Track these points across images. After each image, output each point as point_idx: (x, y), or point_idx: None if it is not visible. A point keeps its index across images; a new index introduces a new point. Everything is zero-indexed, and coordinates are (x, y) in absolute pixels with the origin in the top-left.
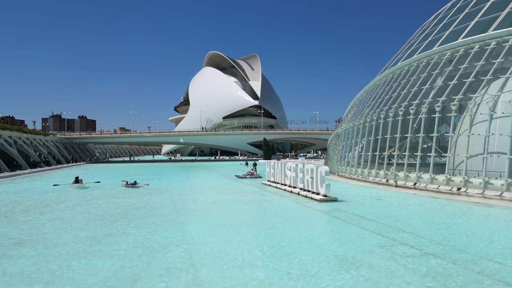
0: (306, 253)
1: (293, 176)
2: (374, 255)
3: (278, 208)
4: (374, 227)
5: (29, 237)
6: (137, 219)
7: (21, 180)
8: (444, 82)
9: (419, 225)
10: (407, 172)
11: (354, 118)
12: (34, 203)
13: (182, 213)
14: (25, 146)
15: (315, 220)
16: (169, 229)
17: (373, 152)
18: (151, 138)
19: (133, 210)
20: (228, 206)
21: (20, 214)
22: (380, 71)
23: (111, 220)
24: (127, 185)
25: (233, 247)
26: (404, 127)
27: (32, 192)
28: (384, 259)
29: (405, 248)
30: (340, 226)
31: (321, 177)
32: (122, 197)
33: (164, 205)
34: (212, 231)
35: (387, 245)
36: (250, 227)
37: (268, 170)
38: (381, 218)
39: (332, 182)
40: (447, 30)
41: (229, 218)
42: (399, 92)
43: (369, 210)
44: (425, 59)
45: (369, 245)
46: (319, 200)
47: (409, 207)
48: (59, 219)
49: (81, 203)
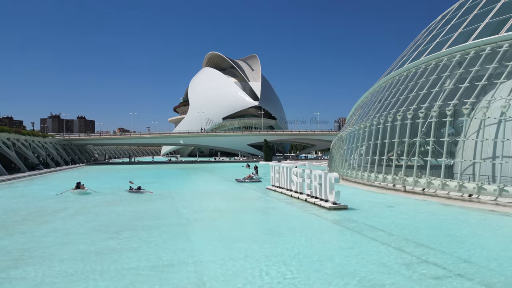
0: (324, 272)
1: (300, 182)
2: (399, 276)
3: (286, 218)
4: (391, 240)
5: (29, 252)
6: (142, 231)
7: (20, 184)
8: (455, 85)
9: (439, 238)
10: (416, 177)
11: (359, 120)
12: (33, 211)
13: (187, 223)
14: (24, 148)
15: (328, 232)
16: (177, 243)
17: (380, 156)
18: (151, 139)
19: (137, 220)
20: (235, 216)
21: (19, 224)
22: (385, 73)
23: (114, 232)
24: (130, 190)
25: (248, 266)
26: (413, 131)
27: (31, 198)
28: (412, 281)
29: (431, 267)
30: (355, 239)
31: (330, 184)
32: (124, 204)
33: (168, 214)
34: (222, 246)
35: (411, 263)
36: (261, 242)
37: (272, 174)
38: (397, 230)
39: (336, 186)
40: (456, 31)
41: (238, 230)
42: (407, 94)
43: (382, 220)
44: (433, 61)
45: (391, 263)
46: (328, 208)
47: (423, 216)
48: (59, 230)
49: (82, 211)
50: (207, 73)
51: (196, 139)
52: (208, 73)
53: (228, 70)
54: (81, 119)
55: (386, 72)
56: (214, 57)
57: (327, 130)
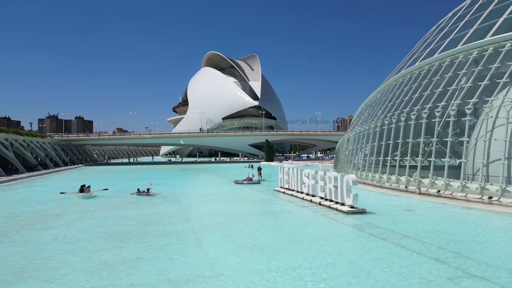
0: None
1: (312, 184)
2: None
3: (303, 223)
4: (425, 249)
5: (32, 264)
6: (151, 238)
7: (19, 186)
8: (473, 83)
9: (474, 246)
10: (433, 178)
11: (369, 120)
12: (33, 216)
13: (198, 230)
14: (22, 149)
15: (352, 239)
16: (191, 253)
17: (393, 157)
18: (151, 139)
19: (144, 225)
20: (248, 221)
21: (19, 230)
22: (394, 72)
23: (121, 240)
24: (139, 193)
25: (277, 280)
26: (429, 130)
27: (32, 201)
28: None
29: (480, 282)
30: (384, 247)
31: (347, 186)
32: (129, 208)
33: (176, 219)
34: (240, 257)
35: (455, 277)
36: (282, 251)
37: (281, 176)
38: (427, 237)
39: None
40: (470, 28)
41: (254, 237)
42: (421, 93)
43: (406, 226)
44: (448, 58)
45: (433, 277)
46: (346, 212)
47: (448, 221)
48: (63, 237)
49: (85, 215)
50: (207, 73)
51: (197, 139)
52: (207, 73)
53: (227, 70)
54: (79, 120)
55: (395, 70)
56: (214, 57)
57: (328, 130)
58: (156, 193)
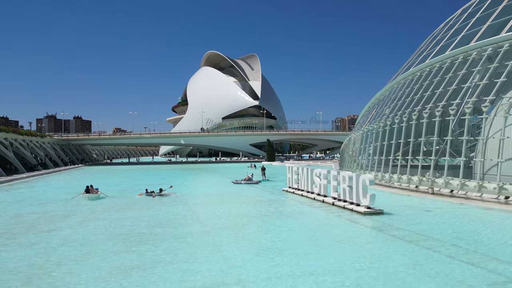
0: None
1: (324, 184)
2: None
3: (320, 224)
4: (453, 251)
5: (42, 269)
6: (165, 240)
7: (20, 186)
8: (489, 79)
9: (505, 249)
10: (447, 178)
11: (377, 119)
12: (38, 217)
13: (212, 231)
14: (22, 148)
15: (376, 241)
16: (209, 256)
17: (404, 156)
18: (151, 139)
19: (155, 227)
20: (262, 222)
21: (26, 232)
22: (401, 70)
23: (134, 242)
24: (149, 193)
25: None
26: (443, 129)
27: (35, 201)
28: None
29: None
30: (414, 251)
31: (363, 186)
32: (136, 209)
33: (187, 220)
34: (263, 260)
35: (498, 284)
36: (307, 254)
37: (289, 176)
38: (452, 238)
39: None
40: (483, 24)
41: (272, 240)
42: (433, 91)
43: (429, 227)
44: (461, 55)
45: (474, 283)
46: (363, 212)
47: (469, 221)
48: (72, 240)
49: (92, 217)
50: (206, 72)
51: (197, 139)
52: (207, 73)
53: (227, 70)
54: (78, 119)
55: (402, 69)
56: (213, 56)
57: (329, 130)
58: (172, 193)
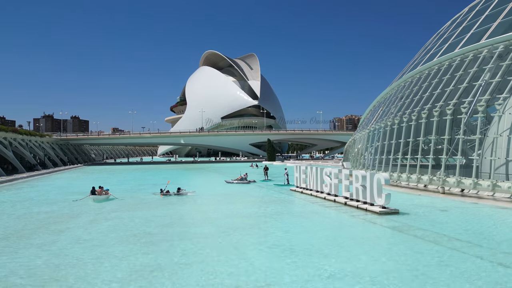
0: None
1: (335, 183)
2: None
3: (336, 224)
4: (482, 252)
5: (58, 271)
6: (181, 241)
7: (22, 186)
8: (502, 77)
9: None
10: (459, 177)
11: (384, 118)
12: (45, 216)
13: (227, 232)
14: (21, 148)
15: (399, 242)
16: (231, 259)
17: (413, 155)
18: (151, 139)
19: (167, 227)
20: (276, 222)
21: (34, 233)
22: (408, 68)
23: (149, 243)
24: (164, 193)
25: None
26: (454, 127)
27: (39, 201)
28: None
29: None
30: (439, 251)
31: (378, 186)
32: (144, 209)
33: (198, 219)
34: (290, 263)
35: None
36: (331, 255)
37: (297, 175)
38: (476, 238)
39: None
40: (493, 21)
41: (292, 240)
42: (443, 89)
43: (449, 227)
44: (471, 53)
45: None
46: (378, 212)
47: (490, 220)
48: (84, 241)
49: (101, 217)
50: (205, 72)
51: (197, 139)
52: (206, 72)
53: (226, 69)
54: (75, 119)
55: (408, 67)
56: (212, 56)
57: (329, 130)
58: (190, 191)
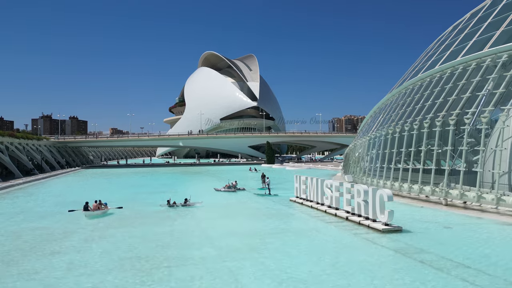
0: None
1: (336, 197)
2: None
3: (339, 245)
4: (495, 285)
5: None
6: (178, 268)
7: (17, 194)
8: (507, 88)
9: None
10: (462, 189)
11: (385, 125)
12: (39, 234)
13: (226, 256)
14: (17, 152)
15: (403, 269)
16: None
17: (415, 165)
18: (150, 141)
19: (164, 248)
20: (275, 242)
21: (26, 256)
22: (409, 75)
23: (144, 270)
24: (171, 205)
25: None
26: (457, 138)
27: (34, 213)
28: None
29: None
30: (449, 284)
31: (381, 202)
32: (139, 224)
33: (196, 239)
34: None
35: None
36: (328, 283)
37: (297, 185)
38: (487, 266)
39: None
40: (497, 29)
41: (292, 266)
42: (445, 98)
43: (455, 249)
44: (474, 61)
45: None
46: (381, 230)
47: (499, 241)
48: (78, 266)
49: (96, 235)
50: (204, 73)
51: (196, 141)
52: (204, 73)
53: (225, 70)
54: (74, 120)
55: (409, 74)
56: (211, 57)
57: (329, 132)
58: (197, 202)
